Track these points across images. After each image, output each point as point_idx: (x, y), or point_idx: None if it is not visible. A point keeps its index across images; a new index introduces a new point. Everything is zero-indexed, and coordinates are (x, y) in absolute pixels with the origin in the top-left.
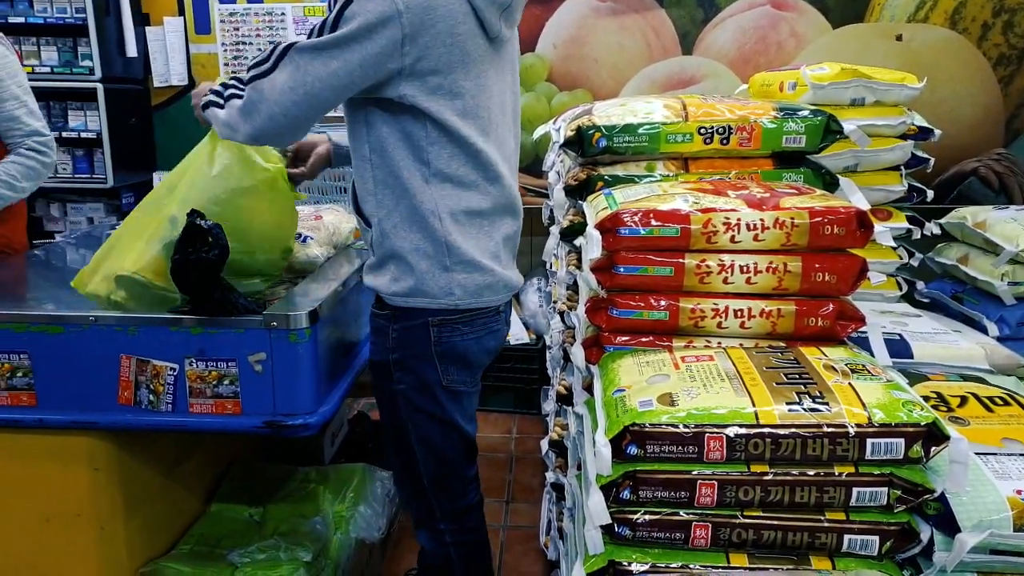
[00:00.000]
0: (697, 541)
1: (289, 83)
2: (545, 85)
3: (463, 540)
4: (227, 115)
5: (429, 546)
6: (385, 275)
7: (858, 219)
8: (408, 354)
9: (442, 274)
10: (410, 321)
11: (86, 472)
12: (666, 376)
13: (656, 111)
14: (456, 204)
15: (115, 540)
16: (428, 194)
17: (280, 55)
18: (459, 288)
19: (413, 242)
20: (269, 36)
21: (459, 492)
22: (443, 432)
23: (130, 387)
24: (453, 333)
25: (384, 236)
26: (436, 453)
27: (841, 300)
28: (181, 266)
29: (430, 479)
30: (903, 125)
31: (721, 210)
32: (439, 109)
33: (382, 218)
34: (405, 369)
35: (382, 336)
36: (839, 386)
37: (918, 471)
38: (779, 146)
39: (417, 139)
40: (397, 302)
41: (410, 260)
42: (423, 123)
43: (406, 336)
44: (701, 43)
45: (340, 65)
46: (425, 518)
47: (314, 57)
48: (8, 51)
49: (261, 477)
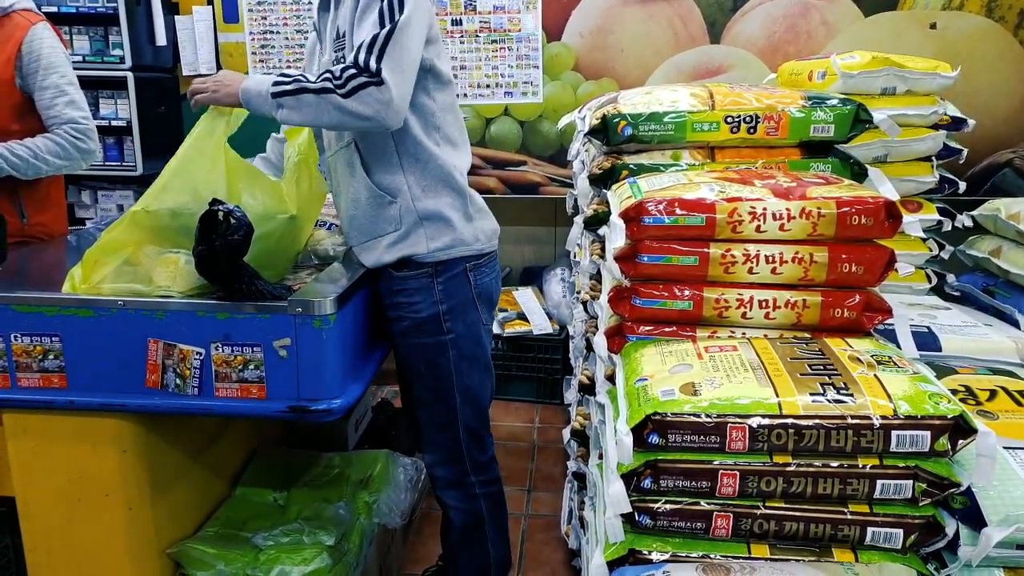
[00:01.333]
0: (718, 531)
1: (405, 61)
2: (571, 74)
3: (490, 492)
4: (363, 106)
5: (462, 504)
6: (419, 239)
7: (886, 209)
8: (455, 302)
9: (468, 224)
10: (452, 271)
11: (115, 453)
12: (689, 366)
13: (682, 99)
14: (460, 162)
15: (143, 520)
16: (443, 156)
17: (384, 42)
18: (482, 233)
19: (447, 199)
20: (296, 26)
21: (487, 442)
22: (481, 376)
23: (157, 371)
24: (482, 275)
25: (416, 200)
26: (473, 400)
27: (868, 291)
28: (207, 255)
29: (466, 430)
30: (935, 115)
31: (747, 199)
32: (444, 70)
33: (412, 184)
34: (454, 318)
35: (426, 293)
36: (864, 378)
37: (944, 464)
38: (807, 135)
39: (429, 109)
40: (439, 256)
41: (446, 214)
42: (429, 92)
43: (451, 286)
44: (729, 32)
45: (418, 41)
46: (457, 476)
47: (406, 34)
48: (55, 42)
49: (286, 462)
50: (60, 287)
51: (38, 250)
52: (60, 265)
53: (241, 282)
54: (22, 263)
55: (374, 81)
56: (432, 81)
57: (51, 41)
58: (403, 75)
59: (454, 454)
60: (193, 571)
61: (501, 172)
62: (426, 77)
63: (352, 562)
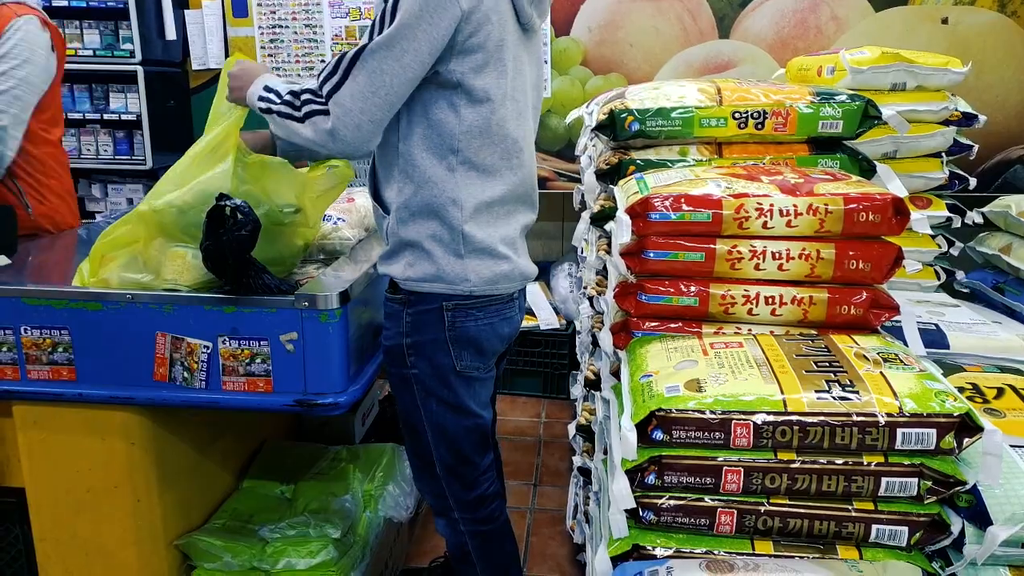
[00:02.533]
0: (722, 527)
1: (369, 88)
2: (579, 69)
3: (479, 530)
4: (313, 133)
5: (447, 535)
6: (400, 262)
7: (894, 206)
8: (422, 339)
9: (456, 261)
10: (424, 306)
11: (123, 446)
12: (694, 362)
13: (690, 95)
14: (480, 193)
15: (150, 512)
16: (451, 183)
17: (350, 63)
18: (473, 275)
19: (430, 229)
20: (305, 20)
21: (472, 481)
22: (455, 418)
23: (165, 364)
24: (467, 318)
25: (400, 224)
26: (448, 440)
27: (875, 288)
28: (214, 250)
29: (443, 467)
30: (946, 111)
31: (754, 195)
32: (484, 86)
33: (400, 206)
34: (419, 354)
35: (396, 321)
36: (870, 375)
37: (950, 462)
38: (815, 131)
39: (449, 128)
40: (411, 287)
41: (426, 247)
42: (457, 110)
43: (420, 320)
44: (739, 27)
45: (412, 56)
46: (440, 507)
47: (386, 55)
48: (33, 37)
49: (292, 455)
50: (70, 280)
51: (48, 243)
52: (69, 258)
53: (248, 276)
54: (31, 256)
55: (322, 110)
56: (463, 98)
57: (26, 35)
58: (364, 103)
59: (434, 488)
60: (200, 563)
61: None
62: (455, 93)
63: (358, 555)
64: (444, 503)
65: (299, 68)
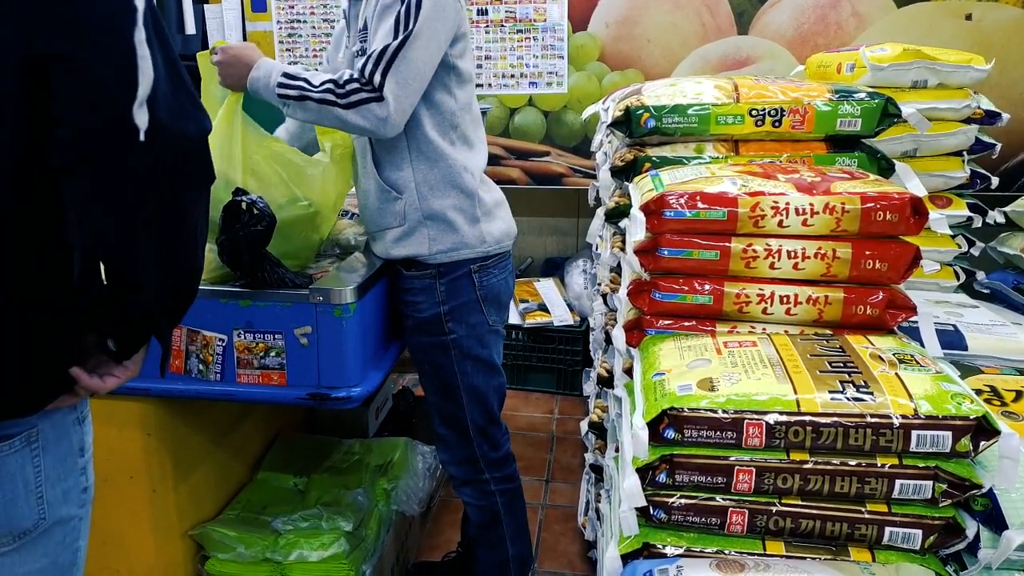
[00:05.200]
0: (733, 527)
1: (410, 76)
2: (596, 64)
3: (507, 488)
4: (362, 119)
5: (477, 501)
6: (422, 240)
7: (912, 205)
8: (457, 303)
9: (474, 226)
10: (455, 272)
11: (139, 436)
12: (707, 361)
13: (707, 92)
14: (473, 163)
15: (166, 502)
16: (455, 156)
17: (392, 55)
18: (488, 235)
19: (452, 199)
20: (323, 15)
21: (498, 440)
22: (487, 377)
23: (181, 356)
24: (490, 276)
25: (422, 199)
26: (480, 400)
27: (892, 288)
28: (230, 245)
29: (476, 428)
30: (968, 109)
31: (770, 194)
32: (467, 68)
33: (419, 183)
34: (455, 318)
35: (429, 294)
36: (885, 376)
37: (966, 465)
38: (833, 129)
39: (447, 108)
40: (441, 259)
41: (449, 216)
42: (450, 91)
43: (454, 287)
44: (758, 22)
45: (435, 46)
46: (471, 474)
47: (419, 47)
48: None
49: (306, 447)
50: None
51: None
52: None
53: (263, 270)
54: None
55: (375, 97)
56: (454, 79)
57: None
58: (407, 89)
59: (466, 452)
60: (214, 553)
61: (524, 162)
62: (448, 75)
63: (369, 548)
64: (475, 467)
65: (316, 63)
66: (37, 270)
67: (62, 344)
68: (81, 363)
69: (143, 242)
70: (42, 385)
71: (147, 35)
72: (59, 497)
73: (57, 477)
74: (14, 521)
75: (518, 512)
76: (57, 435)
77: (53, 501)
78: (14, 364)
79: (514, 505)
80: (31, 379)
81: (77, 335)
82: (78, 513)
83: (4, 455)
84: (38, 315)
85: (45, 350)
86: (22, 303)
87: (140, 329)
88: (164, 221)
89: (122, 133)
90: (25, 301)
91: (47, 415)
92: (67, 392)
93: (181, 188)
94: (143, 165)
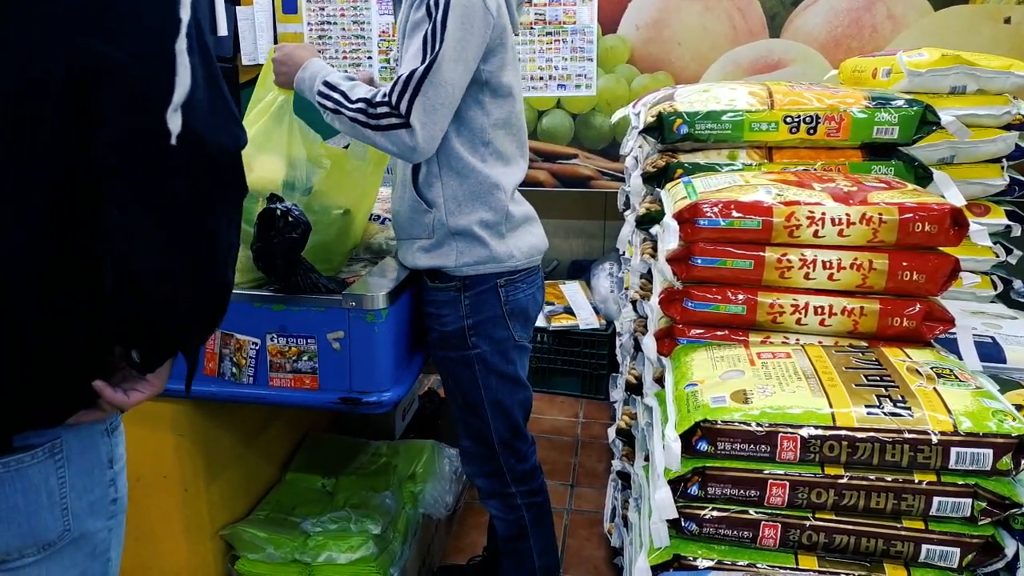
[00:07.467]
0: (765, 541)
1: (439, 100)
2: (626, 67)
3: (534, 502)
4: (391, 145)
5: (503, 514)
6: (449, 252)
7: (951, 217)
8: (482, 318)
9: (501, 241)
10: (482, 286)
11: (172, 437)
12: (740, 372)
13: (740, 98)
14: (508, 179)
15: (197, 502)
16: (486, 172)
17: (420, 80)
18: (517, 250)
19: (478, 215)
20: (353, 16)
21: (525, 454)
22: (512, 391)
23: (215, 359)
24: (517, 291)
25: (450, 214)
26: (505, 414)
27: (929, 300)
28: (265, 251)
29: (501, 442)
30: (1008, 115)
31: (805, 203)
32: (508, 82)
33: (448, 198)
34: (480, 333)
35: (453, 307)
36: (923, 391)
37: (1006, 483)
38: (869, 137)
39: (479, 125)
40: (467, 271)
41: (477, 232)
42: (484, 107)
43: (479, 301)
44: (790, 25)
45: (464, 66)
46: (497, 487)
47: (447, 69)
48: None
49: (334, 448)
50: None
51: None
52: None
53: (297, 275)
54: None
55: (402, 124)
56: (488, 95)
57: None
58: (434, 116)
59: (492, 465)
60: (244, 553)
61: (552, 165)
62: (481, 90)
63: (396, 551)
64: (500, 481)
65: (346, 64)
66: (67, 280)
67: (86, 356)
68: (105, 377)
69: (174, 254)
70: (64, 396)
71: (188, 45)
72: (85, 509)
73: (83, 488)
74: (38, 532)
75: (545, 526)
76: (83, 446)
77: (79, 512)
78: (37, 374)
79: (541, 519)
80: (53, 390)
81: (103, 348)
82: (107, 524)
83: (27, 466)
84: (64, 326)
85: (68, 361)
86: (49, 313)
87: (166, 343)
88: (195, 233)
89: (154, 136)
90: (53, 311)
91: (72, 426)
92: (90, 405)
93: (213, 200)
94: (175, 172)
